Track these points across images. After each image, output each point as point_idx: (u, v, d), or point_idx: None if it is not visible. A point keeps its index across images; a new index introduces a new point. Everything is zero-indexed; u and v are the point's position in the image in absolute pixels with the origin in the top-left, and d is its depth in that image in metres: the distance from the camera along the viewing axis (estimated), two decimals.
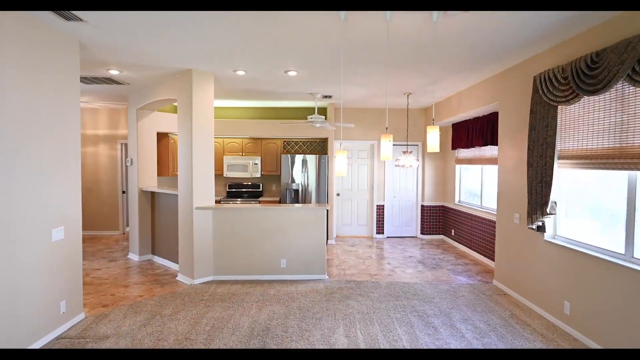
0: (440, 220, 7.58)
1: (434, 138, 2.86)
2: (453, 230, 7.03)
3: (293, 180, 6.97)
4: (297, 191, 6.99)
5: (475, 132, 5.92)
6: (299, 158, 6.94)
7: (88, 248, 6.53)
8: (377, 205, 7.60)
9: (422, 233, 7.63)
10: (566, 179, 3.60)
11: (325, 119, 7.30)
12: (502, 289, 4.46)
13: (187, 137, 4.62)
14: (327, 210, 4.79)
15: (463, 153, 6.62)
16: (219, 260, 4.77)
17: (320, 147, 7.50)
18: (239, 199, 7.10)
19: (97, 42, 3.56)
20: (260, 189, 7.53)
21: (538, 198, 3.51)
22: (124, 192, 7.80)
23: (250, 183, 7.54)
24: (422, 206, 7.61)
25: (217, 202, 7.03)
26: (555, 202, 3.40)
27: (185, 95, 4.62)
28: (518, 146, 4.15)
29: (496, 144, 5.28)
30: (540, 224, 3.59)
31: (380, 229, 7.64)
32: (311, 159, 6.93)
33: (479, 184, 6.16)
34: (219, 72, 4.63)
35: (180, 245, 4.80)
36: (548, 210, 3.39)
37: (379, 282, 4.73)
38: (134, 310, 3.79)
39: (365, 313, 3.75)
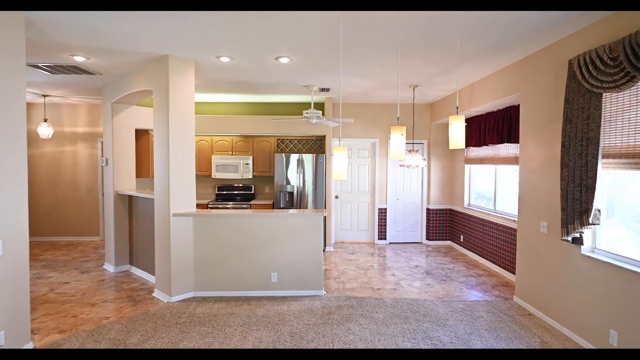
0: (447, 225, 7.00)
1: (458, 130, 2.26)
2: (462, 236, 6.45)
3: (288, 182, 6.38)
4: (292, 194, 6.41)
5: (488, 129, 5.35)
6: (294, 157, 6.36)
7: (62, 257, 5.92)
8: (378, 209, 7.02)
9: (427, 239, 7.05)
10: (605, 180, 3.02)
11: (323, 114, 6.72)
12: (525, 308, 3.88)
13: (163, 134, 4.03)
14: (325, 216, 4.28)
15: (474, 152, 6.04)
16: (200, 274, 4.18)
17: (317, 146, 6.92)
18: (230, 202, 6.51)
19: (50, 20, 2.97)
20: (252, 191, 6.95)
21: (576, 205, 2.93)
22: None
23: (241, 185, 6.95)
24: (428, 209, 7.03)
25: (205, 205, 6.44)
26: (599, 210, 2.82)
27: (162, 86, 4.03)
28: (545, 143, 3.57)
29: (514, 142, 4.70)
30: (577, 235, 3.01)
31: (382, 235, 7.05)
32: (307, 158, 6.35)
33: (492, 186, 5.58)
34: (200, 58, 4.04)
35: (156, 257, 4.21)
36: (590, 220, 2.81)
37: (383, 299, 4.14)
38: (94, 338, 3.19)
39: (369, 341, 3.16)
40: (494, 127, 5.18)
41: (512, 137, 4.73)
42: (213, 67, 4.39)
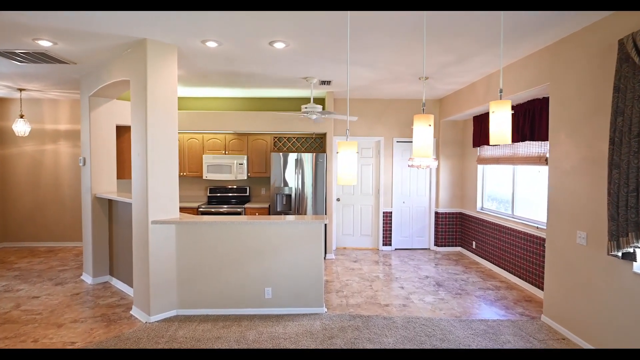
0: (457, 230, 6.49)
1: (501, 120, 1.74)
2: (474, 243, 5.94)
3: (285, 183, 5.87)
4: (290, 196, 5.90)
5: None
6: (292, 157, 5.85)
7: (38, 265, 5.41)
8: (383, 212, 6.51)
9: (436, 245, 6.54)
10: None
11: (323, 110, 6.21)
12: (557, 331, 3.37)
13: (141, 129, 3.52)
14: (326, 224, 3.84)
15: (488, 151, 5.53)
16: (184, 289, 3.67)
17: (317, 144, 6.41)
18: (224, 206, 6.00)
19: None
20: (247, 194, 6.44)
21: (630, 213, 2.43)
22: None
23: (235, 186, 6.44)
24: (437, 213, 6.52)
25: (195, 209, 5.93)
26: None
27: (139, 75, 3.52)
28: (584, 140, 3.07)
29: (538, 139, 4.20)
30: (630, 250, 2.50)
31: (387, 240, 6.55)
32: (307, 157, 5.84)
33: (509, 189, 5.08)
34: (184, 43, 3.53)
35: (134, 270, 3.70)
36: None
37: (392, 318, 3.63)
38: None
39: None
40: (514, 124, 4.67)
41: (535, 134, 4.23)
42: (199, 54, 3.88)
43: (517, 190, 4.94)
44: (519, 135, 4.58)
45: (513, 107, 4.71)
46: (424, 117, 1.81)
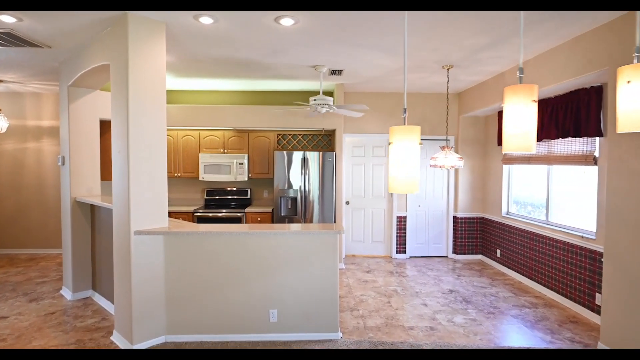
0: (477, 236, 5.93)
1: (630, 98, 1.17)
2: (498, 251, 5.38)
3: (290, 185, 5.31)
4: (295, 200, 5.33)
5: (543, 120, 4.27)
6: (297, 156, 5.29)
7: (15, 277, 4.85)
8: (397, 217, 5.94)
9: (454, 252, 5.98)
10: None
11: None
12: None
13: (122, 122, 2.96)
14: (342, 234, 3.35)
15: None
16: (174, 311, 3.10)
17: (325, 142, 5.85)
18: (223, 210, 5.44)
19: None
20: (248, 196, 5.87)
21: None
22: None
23: (234, 188, 5.88)
24: (455, 218, 5.95)
25: (191, 213, 5.37)
26: None
27: (120, 57, 2.96)
28: None
29: (583, 135, 3.63)
30: None
31: (401, 247, 5.98)
32: (313, 157, 5.28)
33: (544, 192, 4.52)
34: (173, 18, 2.97)
35: (116, 288, 3.14)
36: None
37: (420, 345, 3.07)
38: None
39: None
40: (551, 118, 4.11)
41: (582, 129, 3.66)
42: (192, 34, 3.31)
43: (554, 194, 4.38)
44: (559, 130, 4.02)
45: (551, 100, 4.15)
46: (523, 88, 1.21)
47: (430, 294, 4.32)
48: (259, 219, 5.39)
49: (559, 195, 4.33)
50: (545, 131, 4.18)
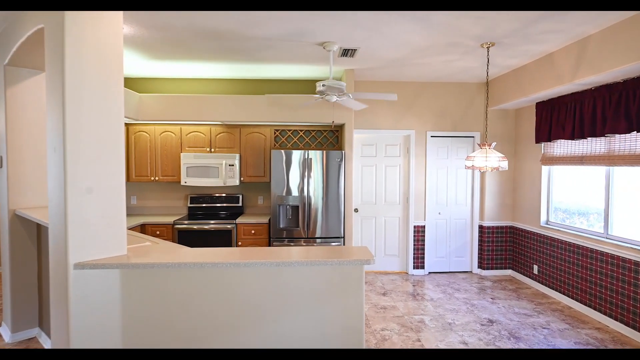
0: (507, 248, 5.12)
1: None
2: (535, 267, 4.57)
3: (289, 191, 4.44)
4: (296, 208, 4.47)
5: (603, 111, 3.47)
6: (297, 155, 4.42)
7: None
8: (414, 227, 5.11)
9: (480, 267, 5.16)
10: None
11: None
12: None
13: (57, 109, 2.07)
14: (370, 263, 2.65)
15: (563, 147, 4.16)
16: None
17: (330, 139, 4.99)
18: (211, 221, 4.55)
19: None
20: (240, 204, 4.98)
21: None
22: None
23: (224, 195, 4.98)
24: (481, 227, 5.14)
25: (171, 225, 4.46)
26: None
27: (54, 17, 2.07)
28: None
29: None
30: None
31: (419, 262, 5.15)
32: (317, 156, 4.42)
33: (601, 198, 3.72)
34: None
35: (53, 338, 2.24)
36: None
37: None
38: None
39: None
40: (616, 108, 3.31)
41: None
42: None
43: (616, 200, 3.59)
44: (626, 123, 3.22)
45: (615, 86, 3.34)
46: None
47: (466, 327, 3.48)
48: (252, 231, 4.51)
49: (622, 203, 3.54)
50: (610, 123, 3.37)
